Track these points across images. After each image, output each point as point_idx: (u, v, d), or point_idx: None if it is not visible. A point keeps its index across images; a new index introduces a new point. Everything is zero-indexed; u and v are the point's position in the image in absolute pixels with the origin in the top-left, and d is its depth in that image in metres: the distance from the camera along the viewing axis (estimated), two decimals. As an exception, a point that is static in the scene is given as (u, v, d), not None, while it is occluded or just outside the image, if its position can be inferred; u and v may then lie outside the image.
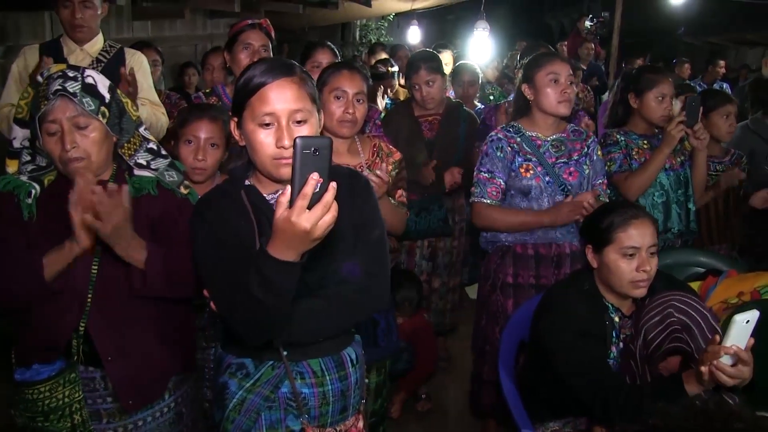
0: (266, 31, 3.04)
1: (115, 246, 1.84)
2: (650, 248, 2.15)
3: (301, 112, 1.62)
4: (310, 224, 1.38)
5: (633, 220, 2.15)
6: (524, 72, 2.90)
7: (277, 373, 1.76)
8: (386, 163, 2.69)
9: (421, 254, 3.70)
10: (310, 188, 1.35)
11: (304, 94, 1.64)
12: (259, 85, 1.61)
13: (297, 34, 10.71)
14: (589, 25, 8.49)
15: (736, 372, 1.82)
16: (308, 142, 1.36)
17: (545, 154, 2.84)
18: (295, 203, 1.37)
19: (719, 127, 3.43)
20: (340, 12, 8.12)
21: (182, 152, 2.49)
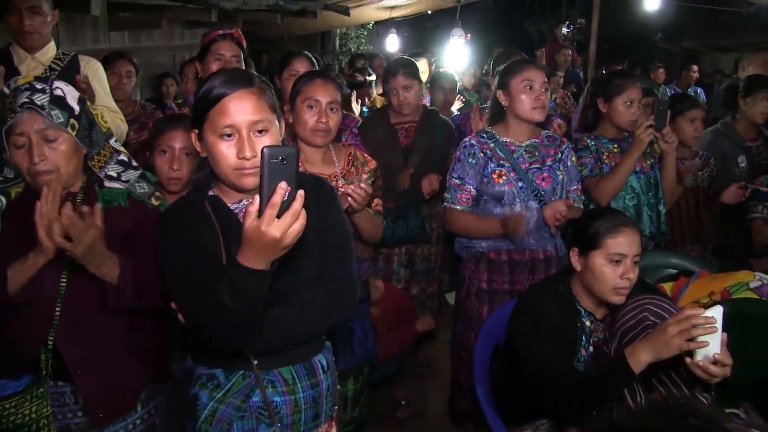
0: (238, 41, 3.05)
1: (87, 264, 1.83)
2: (635, 257, 2.18)
3: (262, 123, 1.63)
4: (280, 232, 1.39)
5: (623, 228, 2.17)
6: (499, 79, 2.92)
7: (248, 382, 1.76)
8: (362, 172, 2.71)
9: (399, 261, 3.70)
10: (279, 197, 1.37)
11: (263, 104, 1.64)
12: (219, 97, 1.61)
13: (276, 44, 10.72)
14: (565, 32, 8.54)
15: (719, 372, 1.84)
16: (275, 152, 1.37)
17: (519, 160, 2.86)
18: (265, 212, 1.38)
19: (685, 131, 3.47)
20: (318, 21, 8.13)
21: (157, 162, 2.49)
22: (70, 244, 1.76)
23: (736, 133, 3.96)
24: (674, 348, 1.84)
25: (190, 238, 1.66)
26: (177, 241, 1.66)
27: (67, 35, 5.01)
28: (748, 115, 3.94)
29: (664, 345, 1.85)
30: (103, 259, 1.84)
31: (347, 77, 5.94)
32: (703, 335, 1.83)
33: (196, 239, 1.66)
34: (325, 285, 1.73)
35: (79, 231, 1.76)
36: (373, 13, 8.98)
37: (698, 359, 1.84)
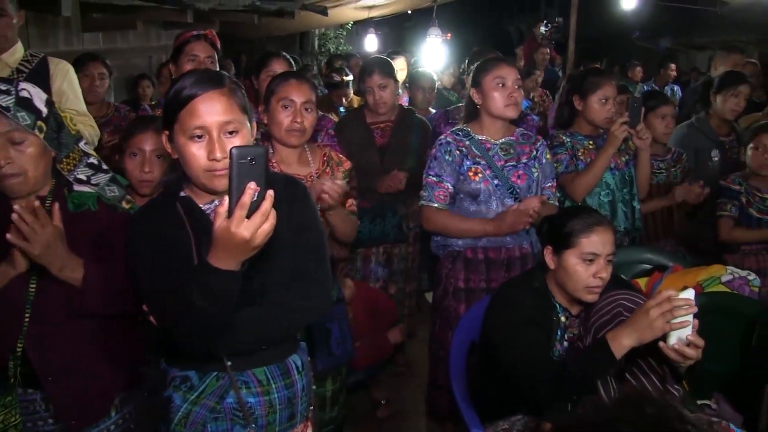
0: (212, 42, 3.04)
1: (48, 266, 1.81)
2: (608, 256, 2.19)
3: (232, 123, 1.62)
4: (250, 233, 1.39)
5: (596, 227, 2.18)
6: (472, 77, 2.93)
7: (221, 383, 1.76)
8: (337, 172, 2.71)
9: (377, 261, 3.71)
10: (248, 197, 1.37)
11: (234, 105, 1.63)
12: (189, 98, 1.60)
13: (255, 45, 10.70)
14: (543, 31, 8.59)
15: (692, 354, 1.86)
16: (243, 152, 1.37)
17: (494, 158, 2.87)
18: (234, 213, 1.38)
19: (656, 127, 3.51)
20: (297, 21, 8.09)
21: (128, 165, 2.47)
22: (26, 243, 1.74)
23: (710, 129, 4.01)
24: (657, 330, 1.85)
25: (161, 239, 1.66)
26: (148, 243, 1.66)
27: (38, 37, 4.96)
28: (719, 111, 3.99)
29: (647, 328, 1.87)
30: (64, 261, 1.82)
31: (324, 77, 5.94)
32: (683, 316, 1.85)
33: (167, 241, 1.65)
34: (299, 285, 1.73)
35: (32, 230, 1.74)
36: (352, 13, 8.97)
37: (672, 343, 1.85)
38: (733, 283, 2.88)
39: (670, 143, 3.89)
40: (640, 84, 8.26)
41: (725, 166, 3.90)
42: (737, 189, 3.41)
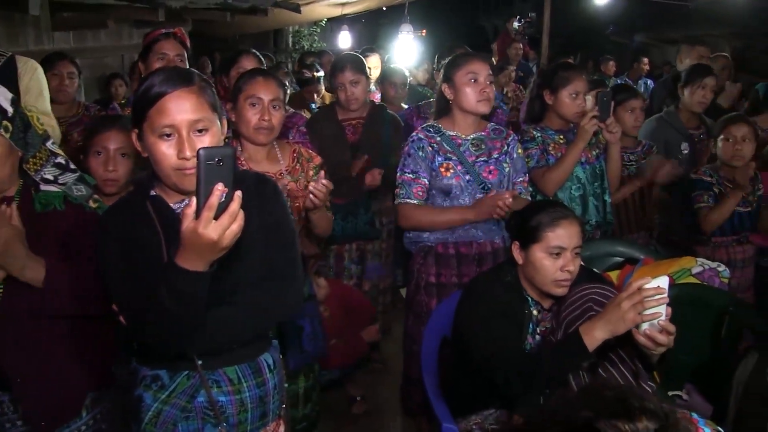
0: (181, 40, 3.02)
1: (7, 267, 1.79)
2: (575, 249, 2.20)
3: (202, 122, 1.61)
4: (218, 234, 1.39)
5: (562, 221, 2.19)
6: (444, 72, 2.94)
7: (192, 382, 1.75)
8: (307, 169, 2.71)
9: (350, 258, 3.71)
10: (216, 199, 1.36)
11: (203, 103, 1.62)
12: (157, 96, 1.58)
13: (228, 43, 10.64)
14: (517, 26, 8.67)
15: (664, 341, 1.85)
16: (211, 153, 1.36)
17: (465, 153, 2.88)
18: (202, 214, 1.37)
19: (625, 120, 3.53)
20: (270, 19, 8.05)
21: (92, 164, 2.45)
22: None
23: (679, 122, 4.05)
24: (629, 322, 1.85)
25: (131, 239, 1.64)
26: (117, 242, 1.64)
27: (7, 36, 4.89)
28: (687, 104, 4.03)
29: (620, 320, 1.86)
30: (25, 262, 1.80)
31: (295, 74, 5.92)
32: (654, 306, 1.84)
33: (136, 240, 1.64)
34: (270, 284, 1.72)
35: None
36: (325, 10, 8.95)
37: (645, 328, 1.86)
38: (704, 274, 2.92)
39: (641, 137, 3.93)
40: (614, 78, 8.34)
41: (695, 158, 3.95)
42: (709, 180, 3.44)
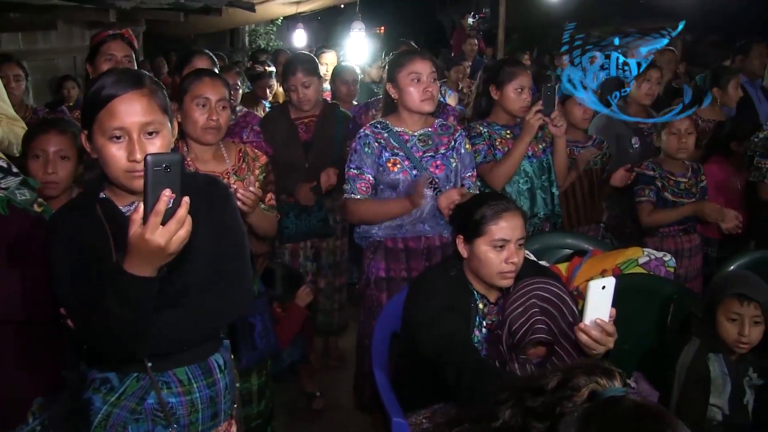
0: (129, 41, 3.00)
1: None
2: (519, 240, 2.23)
3: (152, 125, 1.60)
4: (165, 240, 1.40)
5: (504, 213, 2.21)
6: (387, 72, 2.96)
7: (142, 384, 1.74)
8: (253, 168, 2.71)
9: (305, 255, 3.73)
10: (163, 205, 1.37)
11: (154, 106, 1.62)
12: (107, 98, 1.58)
13: (184, 43, 10.55)
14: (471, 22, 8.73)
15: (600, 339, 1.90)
16: (158, 159, 1.37)
17: (412, 149, 2.90)
18: (149, 220, 1.38)
19: (575, 114, 3.60)
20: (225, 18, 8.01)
21: (31, 168, 2.42)
22: None
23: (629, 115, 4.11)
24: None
25: (80, 242, 1.64)
26: (65, 245, 1.64)
27: (-48, 38, 4.81)
28: (635, 97, 4.11)
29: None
30: None
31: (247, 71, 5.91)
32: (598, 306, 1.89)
33: (85, 243, 1.63)
34: (220, 285, 1.73)
35: None
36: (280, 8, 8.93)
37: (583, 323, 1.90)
38: (650, 264, 2.98)
39: (592, 131, 3.99)
40: (567, 72, 8.42)
41: (646, 152, 4.02)
42: (652, 174, 3.50)
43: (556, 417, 1.21)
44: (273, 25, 12.33)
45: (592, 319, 1.89)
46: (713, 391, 2.39)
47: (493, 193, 2.95)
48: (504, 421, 1.29)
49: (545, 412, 1.24)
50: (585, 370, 1.25)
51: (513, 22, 10.55)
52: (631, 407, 1.12)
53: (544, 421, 1.23)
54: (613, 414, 1.11)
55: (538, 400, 1.26)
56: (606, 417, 1.11)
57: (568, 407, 1.21)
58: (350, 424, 3.49)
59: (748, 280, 2.46)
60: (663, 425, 1.08)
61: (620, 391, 1.20)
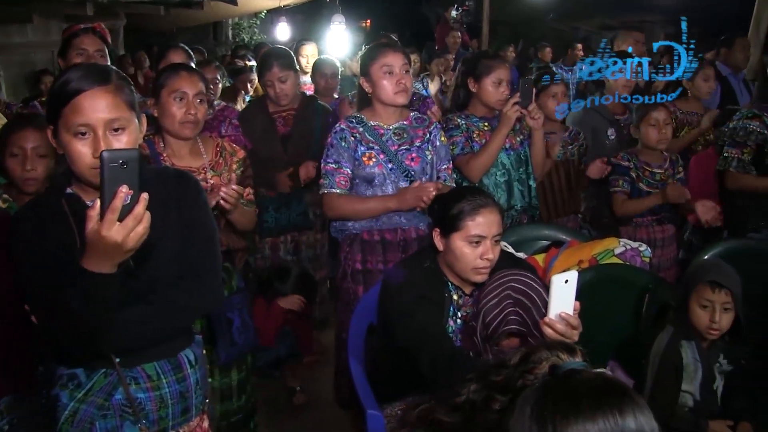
0: (101, 35, 2.99)
1: None
2: (495, 237, 2.23)
3: (118, 121, 1.59)
4: (121, 237, 1.39)
5: (481, 209, 2.21)
6: (360, 66, 2.96)
7: (110, 380, 1.74)
8: (231, 163, 2.70)
9: (285, 249, 3.72)
10: (119, 201, 1.37)
11: (120, 102, 1.60)
12: (72, 94, 1.56)
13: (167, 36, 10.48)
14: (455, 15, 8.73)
15: (565, 332, 1.90)
16: (115, 155, 1.37)
17: (388, 142, 2.90)
18: (105, 217, 1.38)
19: (548, 106, 3.61)
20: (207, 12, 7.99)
21: (9, 164, 2.41)
22: None
23: (605, 108, 4.12)
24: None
25: (45, 237, 1.62)
26: (31, 241, 1.62)
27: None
28: (613, 89, 4.11)
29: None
30: None
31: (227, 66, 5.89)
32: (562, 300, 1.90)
33: (50, 239, 1.62)
34: (188, 281, 1.73)
35: None
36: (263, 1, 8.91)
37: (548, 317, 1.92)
38: (626, 254, 2.99)
39: (568, 122, 4.01)
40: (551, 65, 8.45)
41: (622, 144, 4.04)
42: (627, 165, 3.52)
43: (518, 390, 1.23)
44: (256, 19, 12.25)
45: (557, 313, 1.90)
46: (685, 377, 2.42)
47: (471, 188, 2.93)
48: (468, 398, 1.32)
49: (507, 385, 1.27)
50: (547, 345, 1.29)
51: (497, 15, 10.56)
52: (590, 378, 1.14)
53: (507, 394, 1.27)
54: (571, 385, 1.13)
55: (501, 373, 1.30)
56: (564, 388, 1.13)
57: (529, 380, 1.24)
58: (330, 420, 3.49)
59: (720, 268, 2.49)
60: (622, 395, 1.10)
61: (580, 364, 1.22)
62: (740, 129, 3.51)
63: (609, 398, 1.08)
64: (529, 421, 1.09)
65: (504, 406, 1.27)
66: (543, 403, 1.10)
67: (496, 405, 1.28)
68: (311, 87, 4.85)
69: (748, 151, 3.49)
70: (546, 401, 1.10)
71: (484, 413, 1.30)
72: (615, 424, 1.05)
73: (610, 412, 1.06)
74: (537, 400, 1.11)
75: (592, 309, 2.77)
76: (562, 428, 1.05)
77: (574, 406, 1.07)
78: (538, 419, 1.08)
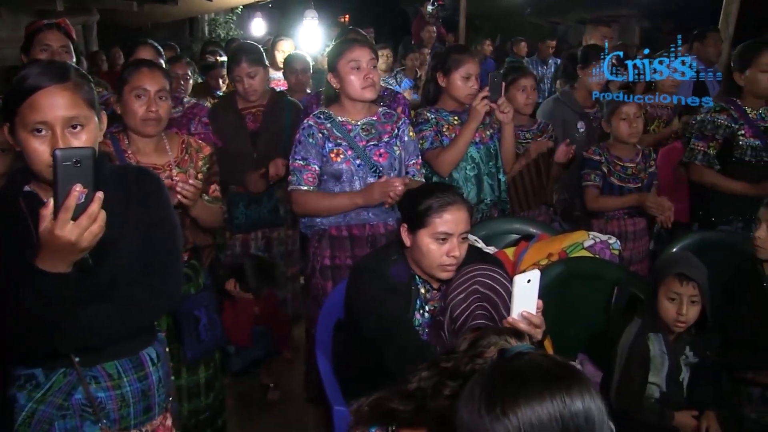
0: (65, 31, 2.96)
1: None
2: (462, 234, 2.22)
3: (77, 119, 1.57)
4: (75, 236, 1.38)
5: (449, 207, 2.20)
6: (327, 62, 2.95)
7: (69, 379, 1.73)
8: (196, 160, 2.68)
9: (256, 246, 3.71)
10: (72, 200, 1.36)
11: (78, 100, 1.58)
12: (29, 91, 1.54)
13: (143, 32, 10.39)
14: (430, 9, 8.72)
15: (528, 331, 1.90)
16: (68, 154, 1.36)
17: (356, 138, 2.89)
18: (58, 216, 1.37)
19: (517, 99, 3.61)
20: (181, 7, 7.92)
21: None
22: None
23: (575, 101, 4.15)
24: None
25: (1, 235, 1.60)
26: None
27: None
28: (585, 84, 4.14)
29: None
30: None
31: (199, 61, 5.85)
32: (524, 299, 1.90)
33: (5, 238, 1.60)
34: (148, 279, 1.72)
35: None
36: (237, -3, 8.85)
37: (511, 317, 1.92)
38: (595, 247, 3.00)
39: (539, 116, 4.02)
40: (525, 59, 8.48)
41: (591, 137, 4.06)
42: (598, 159, 3.53)
43: (468, 375, 1.25)
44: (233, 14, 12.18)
45: (519, 312, 1.90)
46: (652, 369, 2.44)
47: (440, 185, 2.93)
48: (419, 385, 1.33)
49: (457, 371, 1.30)
50: (495, 331, 1.33)
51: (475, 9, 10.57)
52: (538, 360, 1.15)
53: (457, 380, 1.29)
54: (519, 367, 1.13)
55: (450, 359, 1.32)
56: (512, 370, 1.13)
57: (478, 364, 1.27)
58: (303, 416, 3.49)
59: (688, 260, 2.50)
60: (569, 376, 1.10)
61: (527, 347, 1.23)
62: (708, 122, 3.53)
63: (557, 379, 1.09)
64: (479, 403, 1.10)
65: (454, 392, 1.28)
66: (492, 385, 1.10)
67: (447, 391, 1.30)
68: (280, 83, 4.83)
69: (714, 145, 3.51)
70: (494, 383, 1.11)
71: (436, 399, 1.31)
72: (563, 404, 1.06)
73: (558, 392, 1.06)
74: (486, 382, 1.12)
75: (562, 302, 2.81)
76: (510, 409, 1.06)
77: (522, 387, 1.08)
78: (486, 401, 1.09)
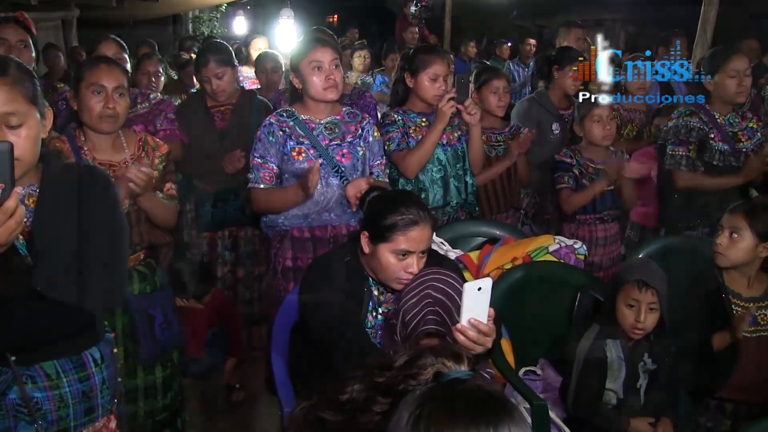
0: (24, 25, 2.92)
1: None
2: (422, 252, 2.18)
3: (15, 116, 1.53)
4: None
5: (414, 226, 2.13)
6: (290, 61, 2.93)
7: (4, 378, 1.68)
8: (153, 158, 2.64)
9: (223, 245, 3.69)
10: None
11: (17, 96, 1.55)
12: None
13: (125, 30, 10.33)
14: (414, 10, 8.68)
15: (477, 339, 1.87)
16: None
17: (319, 137, 2.87)
18: None
19: (489, 101, 3.59)
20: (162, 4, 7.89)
21: None
22: None
23: (550, 102, 4.13)
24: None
25: None
26: None
27: None
28: (561, 85, 4.12)
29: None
30: None
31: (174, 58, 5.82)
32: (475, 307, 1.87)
33: None
34: (89, 278, 1.67)
35: None
36: (219, -6, 8.80)
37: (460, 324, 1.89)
38: (560, 252, 2.99)
39: (514, 117, 4.00)
40: (508, 61, 8.48)
41: (566, 138, 4.04)
42: (569, 162, 3.50)
43: (400, 394, 1.22)
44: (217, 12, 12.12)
45: (468, 320, 1.87)
46: (609, 375, 2.43)
47: (406, 197, 2.69)
48: (351, 396, 1.30)
49: (390, 388, 1.26)
50: (434, 351, 1.27)
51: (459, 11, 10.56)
52: (471, 390, 1.13)
53: (388, 396, 1.25)
54: (451, 395, 1.11)
55: (384, 375, 1.29)
56: (443, 397, 1.11)
57: (411, 385, 1.23)
58: (266, 417, 3.46)
59: (648, 267, 2.49)
60: (499, 410, 1.08)
61: (465, 374, 1.20)
62: (681, 126, 3.52)
63: (486, 413, 1.06)
64: (405, 428, 1.08)
65: (384, 409, 1.25)
66: (420, 412, 1.08)
67: (377, 407, 1.27)
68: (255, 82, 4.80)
69: (693, 148, 3.50)
70: (423, 411, 1.08)
71: (366, 414, 1.28)
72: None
73: (485, 427, 1.04)
74: (415, 408, 1.10)
75: (525, 307, 2.79)
76: None
77: (450, 419, 1.06)
78: (413, 428, 1.07)
